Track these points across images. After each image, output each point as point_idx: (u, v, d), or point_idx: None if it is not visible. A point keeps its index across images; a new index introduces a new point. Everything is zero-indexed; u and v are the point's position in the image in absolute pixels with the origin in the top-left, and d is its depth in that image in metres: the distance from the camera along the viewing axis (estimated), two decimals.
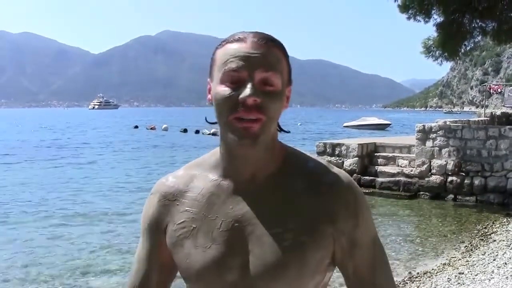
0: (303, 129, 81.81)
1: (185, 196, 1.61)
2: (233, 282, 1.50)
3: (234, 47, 1.48)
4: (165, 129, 76.12)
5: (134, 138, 59.34)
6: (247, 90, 1.42)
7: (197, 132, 68.38)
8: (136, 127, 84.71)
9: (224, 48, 1.51)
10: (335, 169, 1.58)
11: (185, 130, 71.85)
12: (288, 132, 1.69)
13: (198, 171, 1.64)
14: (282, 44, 1.54)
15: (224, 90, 1.46)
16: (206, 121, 1.64)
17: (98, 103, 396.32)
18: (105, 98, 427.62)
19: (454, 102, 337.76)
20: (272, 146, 1.56)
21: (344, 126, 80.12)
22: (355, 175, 19.52)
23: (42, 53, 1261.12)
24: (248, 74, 1.44)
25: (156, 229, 1.65)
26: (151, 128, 79.66)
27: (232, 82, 1.46)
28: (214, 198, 1.57)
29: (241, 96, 1.43)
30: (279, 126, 1.61)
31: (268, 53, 1.47)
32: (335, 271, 1.64)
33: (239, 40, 1.50)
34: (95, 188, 22.37)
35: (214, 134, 62.35)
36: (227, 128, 1.48)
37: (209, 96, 1.56)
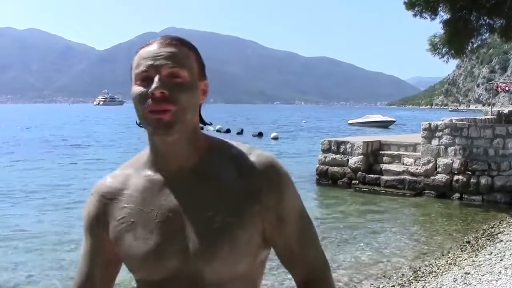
0: (307, 126, 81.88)
1: (122, 194, 1.72)
2: (174, 268, 1.62)
3: (144, 51, 1.64)
4: None
5: (138, 135, 59.33)
6: (154, 84, 1.56)
7: (201, 128, 68.38)
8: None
9: (137, 54, 1.66)
10: (257, 151, 1.71)
11: None
12: (210, 124, 1.85)
13: (132, 170, 1.76)
14: (190, 43, 1.70)
15: (137, 88, 1.61)
16: (137, 124, 1.71)
17: (103, 99, 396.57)
18: (110, 94, 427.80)
19: (460, 100, 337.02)
20: (194, 137, 1.70)
21: (348, 124, 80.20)
22: (359, 173, 19.46)
23: (47, 50, 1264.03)
24: (155, 71, 1.59)
25: (97, 226, 1.75)
26: None
27: (143, 80, 1.60)
28: (148, 192, 1.68)
29: (150, 90, 1.57)
30: (202, 119, 1.77)
31: (173, 51, 1.63)
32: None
33: (148, 44, 1.66)
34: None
35: (218, 130, 62.66)
36: (144, 122, 1.62)
37: None
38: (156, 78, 1.57)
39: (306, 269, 1.76)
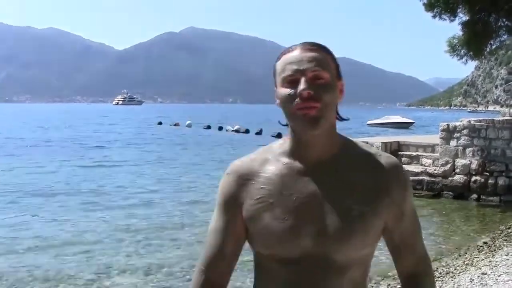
0: None
1: (260, 176, 1.91)
2: (307, 247, 1.81)
3: (288, 57, 1.86)
4: (189, 126, 76.46)
5: (158, 135, 59.52)
6: (302, 86, 1.78)
7: (220, 128, 68.65)
8: (160, 123, 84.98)
9: (281, 60, 1.88)
10: (385, 153, 1.97)
11: (208, 127, 72.15)
12: (348, 119, 2.05)
13: (270, 156, 1.95)
14: (326, 47, 1.90)
15: (285, 90, 1.82)
16: (280, 123, 1.99)
17: (122, 99, 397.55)
18: (129, 94, 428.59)
19: (478, 101, 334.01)
20: (332, 132, 1.90)
21: (367, 124, 79.83)
22: None
23: (66, 49, 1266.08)
24: (301, 74, 1.80)
25: (233, 204, 1.94)
26: (175, 125, 79.86)
27: (290, 83, 1.82)
28: (287, 178, 1.88)
29: (298, 91, 1.78)
30: (339, 115, 1.96)
31: (315, 55, 1.83)
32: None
33: (290, 50, 1.87)
34: (119, 189, 22.43)
35: (237, 131, 62.61)
36: (292, 119, 1.83)
37: (277, 101, 1.89)
38: (303, 80, 1.79)
39: (415, 260, 2.02)
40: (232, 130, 63.72)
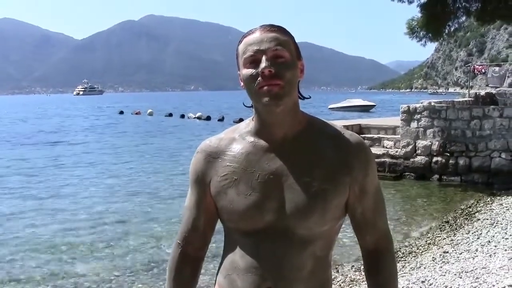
0: None
1: (226, 154, 2.01)
2: (270, 221, 1.90)
3: (249, 39, 1.92)
4: (150, 114, 76.39)
5: (120, 124, 59.09)
6: (263, 64, 1.85)
7: (182, 116, 68.51)
8: (121, 112, 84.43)
9: (242, 42, 1.95)
10: (348, 131, 2.02)
11: (170, 115, 72.05)
12: (309, 97, 2.07)
13: (236, 135, 2.04)
14: (285, 29, 1.97)
15: (248, 71, 1.89)
16: (244, 105, 2.10)
17: (83, 89, 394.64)
18: (89, 84, 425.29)
19: (439, 83, 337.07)
20: (295, 110, 1.96)
21: (329, 108, 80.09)
22: None
23: (24, 39, 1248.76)
24: (262, 53, 1.87)
25: (202, 181, 2.05)
26: (136, 113, 79.55)
27: (252, 63, 1.89)
28: (252, 155, 1.96)
29: (260, 69, 1.85)
30: (300, 94, 2.00)
31: (275, 36, 1.90)
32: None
33: (251, 33, 1.94)
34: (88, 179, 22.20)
35: (199, 118, 62.69)
36: (256, 98, 1.89)
37: (241, 84, 1.95)
38: (264, 59, 1.86)
39: (375, 236, 2.07)
40: (194, 117, 63.79)
